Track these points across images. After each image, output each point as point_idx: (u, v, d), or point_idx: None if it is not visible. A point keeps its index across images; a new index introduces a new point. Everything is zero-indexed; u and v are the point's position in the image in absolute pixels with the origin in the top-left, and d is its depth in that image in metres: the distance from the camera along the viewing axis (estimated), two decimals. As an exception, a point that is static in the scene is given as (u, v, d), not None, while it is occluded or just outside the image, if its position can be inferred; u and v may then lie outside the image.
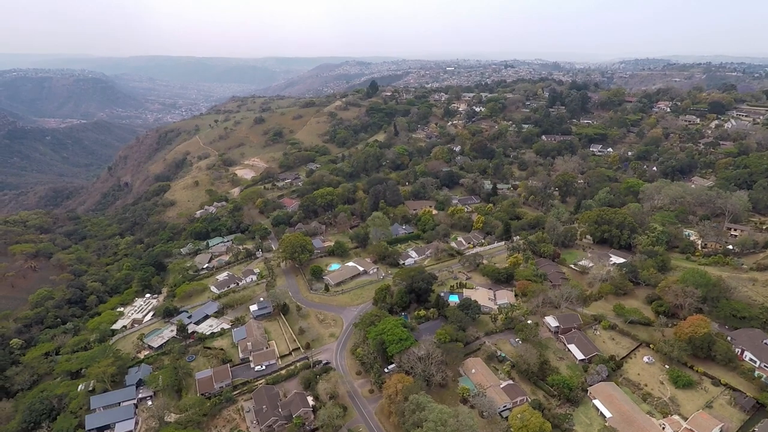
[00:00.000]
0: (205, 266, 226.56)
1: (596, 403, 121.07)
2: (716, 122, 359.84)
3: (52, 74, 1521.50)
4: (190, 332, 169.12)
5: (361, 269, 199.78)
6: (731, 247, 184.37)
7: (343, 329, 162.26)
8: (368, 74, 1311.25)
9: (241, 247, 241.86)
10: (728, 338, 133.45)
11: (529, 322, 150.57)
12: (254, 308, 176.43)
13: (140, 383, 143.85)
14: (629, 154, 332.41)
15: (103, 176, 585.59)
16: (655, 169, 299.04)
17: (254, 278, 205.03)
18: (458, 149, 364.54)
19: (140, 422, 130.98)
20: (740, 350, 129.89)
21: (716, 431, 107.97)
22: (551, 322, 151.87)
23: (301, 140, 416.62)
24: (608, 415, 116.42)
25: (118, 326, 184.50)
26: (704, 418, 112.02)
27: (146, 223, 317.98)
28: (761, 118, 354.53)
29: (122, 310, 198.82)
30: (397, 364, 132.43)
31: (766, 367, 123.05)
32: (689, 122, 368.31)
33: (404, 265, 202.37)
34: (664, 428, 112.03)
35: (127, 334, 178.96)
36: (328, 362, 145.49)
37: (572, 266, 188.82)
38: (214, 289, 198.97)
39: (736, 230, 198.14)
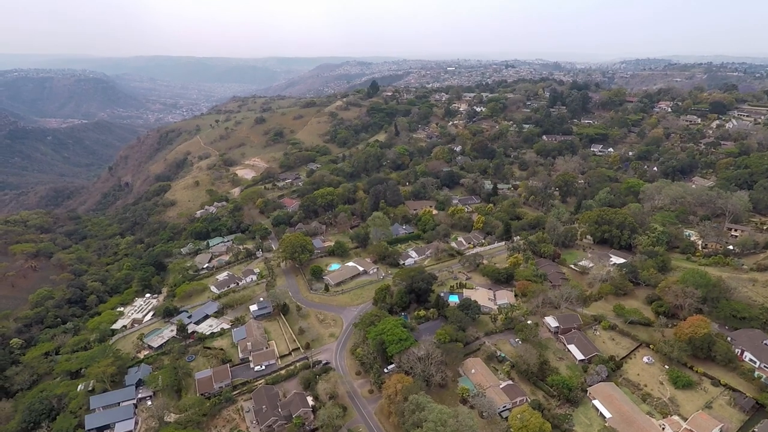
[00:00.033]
0: (205, 266, 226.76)
1: (596, 403, 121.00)
2: (717, 122, 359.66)
3: (53, 74, 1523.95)
4: (190, 332, 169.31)
5: (361, 269, 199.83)
6: (732, 247, 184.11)
7: (342, 329, 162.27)
8: (369, 74, 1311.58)
9: (241, 247, 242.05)
10: (728, 339, 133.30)
11: (528, 322, 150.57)
12: (254, 308, 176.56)
13: (140, 383, 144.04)
14: (630, 154, 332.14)
15: (103, 176, 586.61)
16: (655, 169, 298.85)
17: (254, 278, 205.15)
18: (459, 149, 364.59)
19: (140, 422, 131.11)
20: (740, 351, 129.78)
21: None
22: (551, 322, 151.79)
23: (301, 140, 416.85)
24: (608, 415, 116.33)
25: (118, 326, 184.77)
26: (704, 418, 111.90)
27: (146, 222, 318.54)
28: (762, 118, 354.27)
29: (122, 309, 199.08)
30: (396, 364, 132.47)
31: (766, 367, 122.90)
32: (690, 122, 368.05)
33: (404, 265, 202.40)
34: (663, 429, 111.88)
35: (127, 333, 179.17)
36: (327, 362, 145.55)
37: (572, 266, 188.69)
38: (214, 289, 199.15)
39: (736, 230, 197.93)
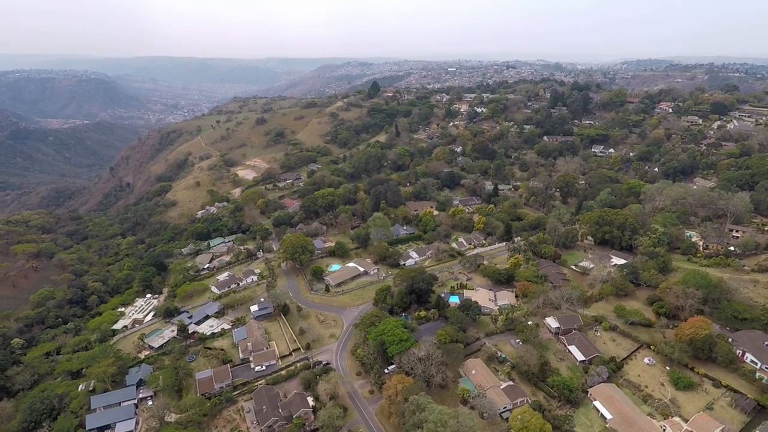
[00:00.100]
0: (206, 266, 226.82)
1: (597, 404, 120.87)
2: (718, 123, 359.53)
3: (54, 75, 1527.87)
4: (190, 332, 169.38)
5: (361, 270, 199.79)
6: (733, 248, 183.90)
7: (343, 330, 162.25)
8: (370, 75, 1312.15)
9: (242, 247, 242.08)
10: (729, 340, 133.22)
11: (529, 323, 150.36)
12: (255, 309, 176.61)
13: (141, 383, 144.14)
14: (631, 155, 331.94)
15: (105, 176, 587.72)
16: (656, 170, 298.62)
17: (255, 279, 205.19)
18: (459, 150, 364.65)
19: (140, 422, 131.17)
20: (741, 352, 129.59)
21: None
22: (552, 323, 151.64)
23: (302, 141, 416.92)
24: (609, 416, 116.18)
25: (118, 326, 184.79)
26: (705, 419, 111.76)
27: (147, 223, 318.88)
28: (764, 118, 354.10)
29: (123, 310, 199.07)
30: (397, 364, 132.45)
31: (767, 368, 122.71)
32: (691, 123, 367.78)
33: (405, 265, 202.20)
34: (664, 430, 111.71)
35: (127, 334, 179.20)
36: (328, 363, 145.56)
37: (573, 267, 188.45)
38: (214, 289, 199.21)
39: (737, 231, 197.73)
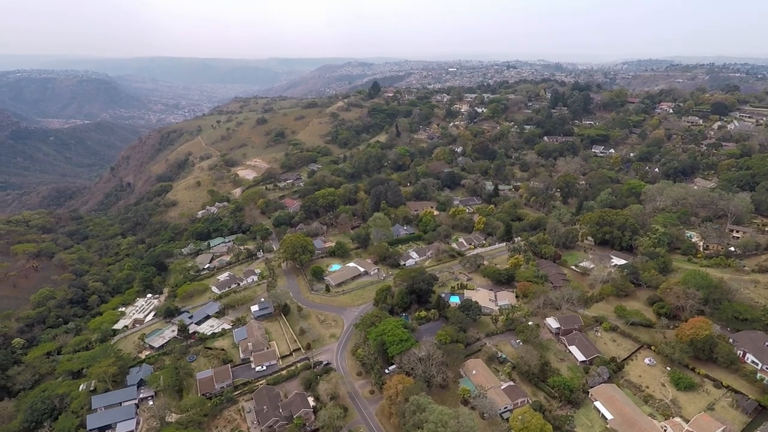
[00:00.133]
0: (206, 266, 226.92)
1: (597, 404, 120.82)
2: (719, 123, 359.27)
3: (55, 75, 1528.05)
4: (191, 332, 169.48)
5: (362, 270, 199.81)
6: (733, 248, 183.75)
7: (343, 330, 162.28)
8: (370, 75, 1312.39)
9: (242, 247, 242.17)
10: (730, 340, 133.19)
11: (530, 323, 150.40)
12: (255, 309, 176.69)
13: (141, 383, 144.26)
14: (631, 155, 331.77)
15: (105, 176, 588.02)
16: (657, 170, 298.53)
17: (255, 279, 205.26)
18: (460, 150, 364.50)
19: (141, 422, 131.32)
20: (742, 352, 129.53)
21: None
22: (552, 323, 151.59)
23: (302, 141, 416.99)
24: (609, 417, 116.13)
25: (119, 326, 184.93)
26: (706, 420, 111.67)
27: (148, 223, 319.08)
28: (764, 119, 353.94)
29: (124, 310, 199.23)
30: (397, 365, 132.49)
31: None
32: (692, 123, 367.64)
33: (405, 265, 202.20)
34: (665, 430, 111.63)
35: (128, 334, 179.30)
36: (328, 363, 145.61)
37: (573, 267, 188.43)
38: (215, 289, 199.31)
39: (738, 232, 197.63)
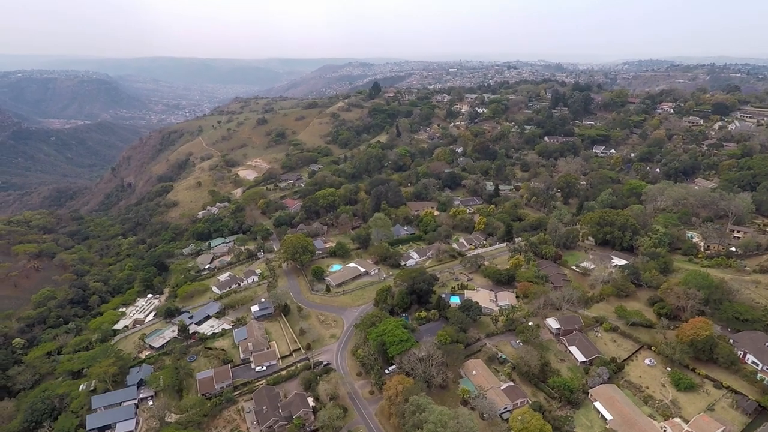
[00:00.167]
0: (206, 267, 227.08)
1: (597, 405, 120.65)
2: (720, 124, 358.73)
3: (56, 75, 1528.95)
4: (191, 332, 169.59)
5: (362, 270, 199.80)
6: (734, 249, 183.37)
7: (344, 330, 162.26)
8: (371, 75, 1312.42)
9: (242, 247, 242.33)
10: (730, 341, 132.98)
11: (530, 323, 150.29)
12: (255, 309, 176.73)
13: (141, 383, 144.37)
14: (632, 155, 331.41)
15: (106, 177, 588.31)
16: (657, 170, 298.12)
17: (256, 279, 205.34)
18: (460, 150, 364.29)
19: (141, 422, 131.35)
20: (743, 353, 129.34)
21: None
22: (552, 323, 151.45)
23: (303, 141, 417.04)
24: (609, 417, 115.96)
25: (119, 326, 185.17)
26: (706, 421, 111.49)
27: (149, 223, 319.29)
28: (765, 119, 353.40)
29: (124, 310, 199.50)
30: (397, 365, 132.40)
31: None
32: (693, 123, 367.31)
33: (405, 266, 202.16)
34: (665, 431, 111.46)
35: (128, 334, 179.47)
36: (328, 363, 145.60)
37: (574, 268, 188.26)
38: (215, 289, 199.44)
39: (739, 232, 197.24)
